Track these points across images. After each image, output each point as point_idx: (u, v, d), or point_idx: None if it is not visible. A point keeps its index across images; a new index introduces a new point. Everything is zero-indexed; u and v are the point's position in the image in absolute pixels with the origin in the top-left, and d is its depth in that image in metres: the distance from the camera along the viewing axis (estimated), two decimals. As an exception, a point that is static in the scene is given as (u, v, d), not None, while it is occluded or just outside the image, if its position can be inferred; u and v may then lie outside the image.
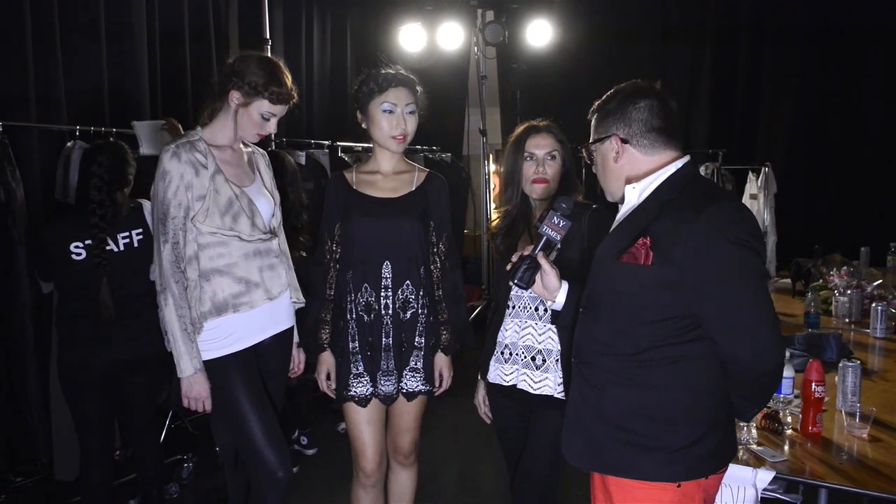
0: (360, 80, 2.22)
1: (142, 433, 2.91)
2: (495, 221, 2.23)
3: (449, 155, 6.61)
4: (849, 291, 3.46)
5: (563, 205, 1.68)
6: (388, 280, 2.20)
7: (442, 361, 2.29)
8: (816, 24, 5.99)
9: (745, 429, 1.93)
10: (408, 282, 2.22)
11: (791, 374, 2.16)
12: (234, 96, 2.07)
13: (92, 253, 2.59)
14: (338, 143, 5.18)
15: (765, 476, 1.77)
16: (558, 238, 1.68)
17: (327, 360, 2.27)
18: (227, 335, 2.10)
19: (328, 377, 2.27)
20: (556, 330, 2.01)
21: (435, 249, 2.28)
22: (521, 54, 6.13)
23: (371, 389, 2.23)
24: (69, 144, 3.33)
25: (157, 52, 4.18)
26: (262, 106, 2.08)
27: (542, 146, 2.10)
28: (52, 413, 3.25)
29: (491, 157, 7.35)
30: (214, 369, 2.09)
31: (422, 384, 2.26)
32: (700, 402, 1.46)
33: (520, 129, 2.17)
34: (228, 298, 2.09)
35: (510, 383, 2.10)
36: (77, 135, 3.37)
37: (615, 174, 1.56)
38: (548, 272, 1.70)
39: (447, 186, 2.32)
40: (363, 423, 2.25)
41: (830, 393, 2.15)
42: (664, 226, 1.42)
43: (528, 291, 1.79)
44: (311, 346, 2.29)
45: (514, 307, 2.11)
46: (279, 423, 2.20)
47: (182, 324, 2.02)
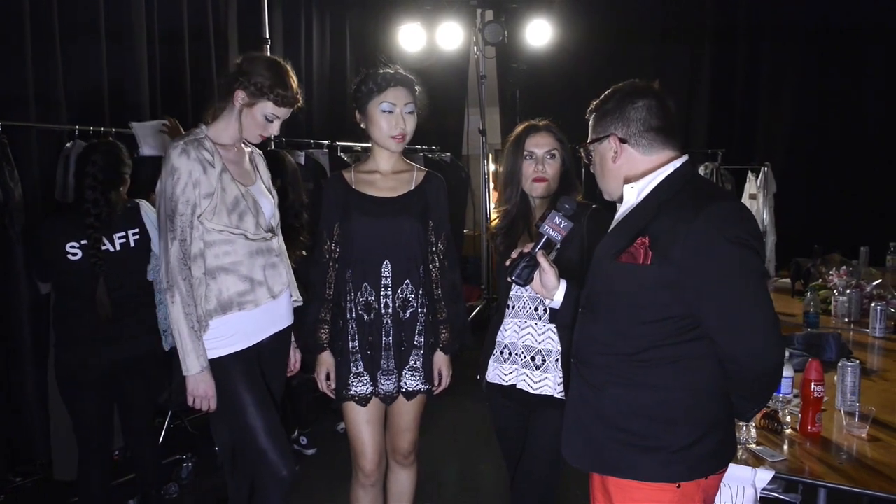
0: (359, 80, 2.22)
1: (141, 433, 2.90)
2: (495, 221, 2.23)
3: (448, 155, 6.60)
4: (848, 291, 3.46)
5: (566, 205, 1.67)
6: (388, 279, 2.20)
7: (441, 360, 2.30)
8: (816, 24, 5.97)
9: (744, 428, 1.93)
10: (407, 281, 2.21)
11: (790, 373, 2.17)
12: (240, 96, 2.07)
13: (88, 253, 2.58)
14: (337, 142, 5.18)
15: (764, 475, 1.76)
16: (559, 238, 1.68)
17: (327, 360, 2.27)
18: (230, 334, 2.10)
19: (328, 377, 2.27)
20: (555, 330, 2.01)
21: (434, 249, 2.28)
22: (521, 54, 6.11)
23: (371, 389, 2.23)
24: (69, 144, 3.32)
25: (156, 52, 4.17)
26: (267, 107, 2.08)
27: (541, 145, 2.10)
28: (50, 413, 3.24)
29: (490, 156, 7.34)
30: (218, 368, 2.09)
31: (421, 383, 2.26)
32: (700, 402, 1.46)
33: (519, 128, 2.17)
34: (234, 296, 2.09)
35: (509, 383, 2.10)
36: (76, 135, 3.36)
37: (613, 174, 1.56)
38: (547, 271, 1.70)
39: (446, 186, 2.32)
40: (363, 422, 2.25)
41: (830, 392, 2.15)
42: (663, 225, 1.41)
43: (528, 290, 1.79)
44: (310, 346, 2.29)
45: (513, 307, 2.11)
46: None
47: (189, 321, 2.01)
